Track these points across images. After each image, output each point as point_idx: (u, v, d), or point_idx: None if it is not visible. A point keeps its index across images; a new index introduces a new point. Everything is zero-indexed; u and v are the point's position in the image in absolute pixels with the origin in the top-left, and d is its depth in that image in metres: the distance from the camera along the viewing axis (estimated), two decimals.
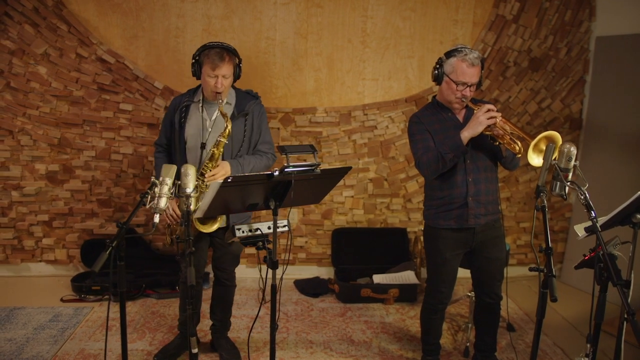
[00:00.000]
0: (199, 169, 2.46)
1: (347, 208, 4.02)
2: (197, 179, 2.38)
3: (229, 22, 3.69)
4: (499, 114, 2.26)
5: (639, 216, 1.91)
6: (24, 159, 3.75)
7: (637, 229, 1.94)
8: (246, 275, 4.00)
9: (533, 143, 2.06)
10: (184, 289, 2.78)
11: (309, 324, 3.31)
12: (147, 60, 3.72)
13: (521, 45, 3.83)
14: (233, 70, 2.52)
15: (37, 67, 3.64)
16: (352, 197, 4.00)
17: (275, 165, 2.57)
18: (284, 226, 2.14)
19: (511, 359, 2.89)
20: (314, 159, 2.02)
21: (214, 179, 2.44)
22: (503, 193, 4.02)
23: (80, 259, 3.87)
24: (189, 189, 1.97)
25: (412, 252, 4.00)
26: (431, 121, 2.49)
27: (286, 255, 3.58)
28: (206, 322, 3.04)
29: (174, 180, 2.01)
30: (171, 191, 1.99)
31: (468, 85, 2.37)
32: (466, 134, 2.28)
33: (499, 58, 3.84)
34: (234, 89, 2.69)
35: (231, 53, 2.50)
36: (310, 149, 2.09)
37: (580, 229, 1.87)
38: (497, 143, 2.32)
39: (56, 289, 3.69)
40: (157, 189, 1.96)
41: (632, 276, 1.93)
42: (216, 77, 2.45)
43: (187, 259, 1.87)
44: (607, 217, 1.90)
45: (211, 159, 2.48)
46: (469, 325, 3.09)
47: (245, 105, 2.61)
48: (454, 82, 2.37)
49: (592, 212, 1.77)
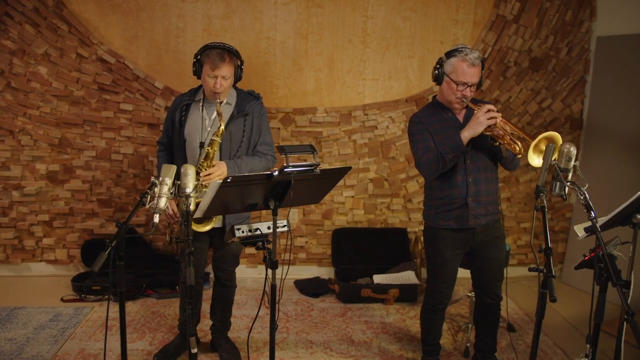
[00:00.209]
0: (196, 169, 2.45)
1: (347, 208, 4.01)
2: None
3: (229, 22, 3.69)
4: (499, 114, 2.26)
5: (639, 216, 1.91)
6: (24, 158, 3.76)
7: (637, 229, 1.93)
8: (246, 275, 4.00)
9: (533, 143, 2.06)
10: (184, 289, 2.78)
11: (309, 324, 3.31)
12: (147, 60, 3.72)
13: (522, 45, 3.83)
14: (234, 71, 2.51)
15: (37, 67, 3.64)
16: (353, 197, 4.00)
17: (274, 165, 2.57)
18: (284, 226, 2.15)
19: (511, 359, 2.89)
20: (313, 159, 2.02)
21: (209, 178, 2.42)
22: (503, 193, 4.02)
23: (81, 259, 3.87)
24: (189, 189, 1.97)
25: (413, 252, 4.00)
26: (431, 121, 2.49)
27: (286, 256, 3.58)
28: (206, 322, 3.04)
29: (173, 180, 2.01)
30: (171, 191, 1.99)
31: (468, 86, 2.36)
32: (466, 134, 2.28)
33: (499, 58, 3.83)
34: (235, 90, 2.68)
35: (232, 54, 2.49)
36: (310, 149, 2.09)
37: (580, 229, 1.87)
38: (498, 143, 2.32)
39: (56, 288, 3.69)
40: (156, 189, 1.96)
41: (632, 276, 1.92)
42: (215, 77, 2.44)
43: (187, 258, 1.87)
44: (607, 218, 1.89)
45: (206, 158, 2.48)
46: (469, 326, 3.08)
47: (245, 106, 2.60)
48: (454, 82, 2.37)
49: (592, 212, 1.77)
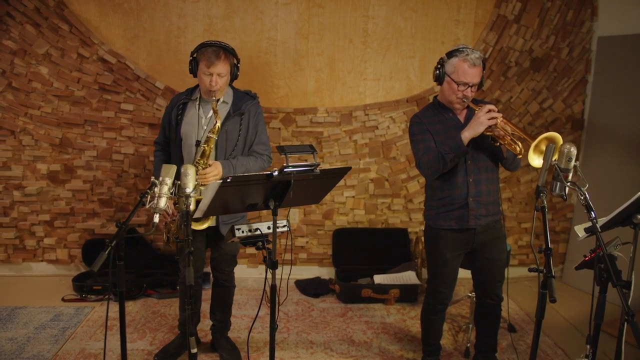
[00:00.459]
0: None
1: (348, 208, 4.01)
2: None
3: (230, 22, 3.69)
4: (500, 114, 2.26)
5: (639, 217, 1.91)
6: (25, 158, 3.77)
7: (637, 230, 1.93)
8: (247, 276, 4.00)
9: (534, 144, 2.06)
10: (183, 289, 2.78)
11: (309, 324, 3.31)
12: (148, 61, 3.72)
13: (523, 46, 3.82)
14: (230, 69, 2.52)
15: (38, 67, 3.65)
16: (353, 197, 4.00)
17: (274, 165, 2.56)
18: (284, 226, 2.14)
19: (512, 359, 2.89)
20: (313, 159, 2.02)
21: (205, 178, 2.42)
22: (504, 193, 4.01)
23: (82, 259, 3.88)
24: (189, 189, 1.96)
25: (413, 252, 3.99)
26: (432, 121, 2.49)
27: (287, 256, 3.57)
28: (206, 322, 3.04)
29: (173, 180, 2.01)
30: (171, 191, 1.99)
31: (469, 86, 2.36)
32: (467, 135, 2.27)
33: (500, 58, 3.83)
34: (232, 89, 2.69)
35: (228, 52, 2.50)
36: (310, 149, 2.09)
37: (581, 230, 1.86)
38: (498, 144, 2.32)
39: (57, 288, 3.70)
40: (156, 189, 1.96)
41: (633, 277, 1.92)
42: (211, 75, 2.45)
43: (187, 258, 1.87)
44: (607, 218, 1.89)
45: (202, 155, 2.47)
46: (470, 326, 3.08)
47: (242, 105, 2.61)
48: (455, 82, 2.36)
49: (592, 212, 1.76)
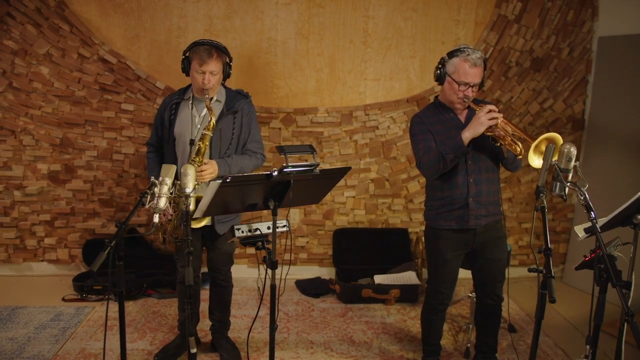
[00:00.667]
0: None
1: (348, 208, 4.01)
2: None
3: (230, 22, 3.69)
4: (501, 114, 2.25)
5: (639, 217, 1.90)
6: (26, 158, 3.77)
7: (637, 230, 1.92)
8: (247, 275, 4.00)
9: (534, 145, 2.05)
10: (181, 289, 2.79)
11: (309, 324, 3.31)
12: (148, 61, 3.72)
13: (523, 46, 3.82)
14: (222, 67, 2.54)
15: (39, 67, 3.65)
16: (354, 197, 3.99)
17: (275, 166, 2.57)
18: (284, 226, 2.14)
19: (512, 359, 2.89)
20: (313, 159, 2.02)
21: (201, 176, 2.43)
22: (505, 194, 4.01)
23: (82, 259, 3.88)
24: (189, 189, 1.97)
25: (414, 252, 3.99)
26: (433, 121, 2.48)
27: (287, 256, 3.57)
28: (206, 322, 3.04)
29: (173, 180, 2.01)
30: (171, 191, 1.99)
31: (470, 86, 2.36)
32: (467, 135, 2.27)
33: (501, 58, 3.82)
34: (224, 88, 2.70)
35: (220, 50, 2.51)
36: (310, 149, 2.09)
37: (581, 230, 1.85)
38: (499, 144, 2.32)
39: (58, 288, 3.70)
40: (156, 189, 1.96)
41: (633, 277, 1.91)
42: (204, 73, 2.46)
43: (186, 258, 1.87)
44: (607, 218, 1.88)
45: (197, 153, 2.47)
46: (470, 326, 3.08)
47: (234, 104, 2.63)
48: (456, 82, 2.36)
49: (592, 213, 1.76)
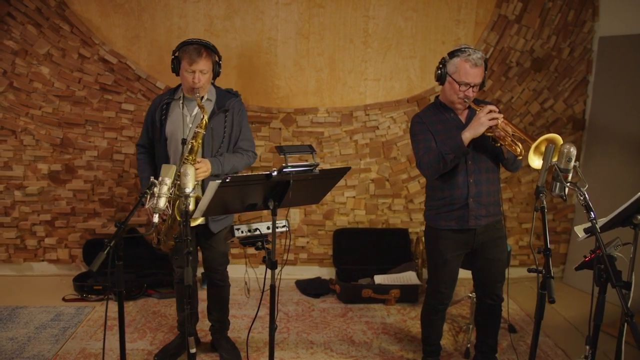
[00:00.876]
0: (180, 164, 2.43)
1: (348, 208, 4.01)
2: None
3: (230, 22, 3.70)
4: (501, 115, 2.25)
5: (639, 217, 1.90)
6: (26, 158, 3.77)
7: (637, 230, 1.92)
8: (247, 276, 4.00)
9: (534, 145, 2.05)
10: (179, 289, 2.79)
11: (309, 324, 3.31)
12: (149, 61, 3.73)
13: (524, 46, 3.81)
14: (212, 66, 2.53)
15: (39, 67, 3.66)
16: (354, 197, 3.99)
17: (274, 165, 2.57)
18: (283, 226, 2.14)
19: (512, 359, 2.89)
20: (313, 159, 2.02)
21: (195, 174, 2.42)
22: (505, 194, 4.00)
23: (83, 259, 3.88)
24: (188, 189, 1.97)
25: (414, 252, 3.99)
26: (433, 121, 2.48)
27: (286, 256, 3.58)
28: (206, 322, 3.03)
29: (173, 180, 2.01)
30: (170, 191, 1.99)
31: (471, 86, 2.35)
32: (467, 135, 2.27)
33: (501, 58, 3.82)
34: (214, 87, 2.70)
35: (209, 49, 2.51)
36: (309, 149, 2.09)
37: (580, 230, 1.85)
38: (499, 144, 2.31)
39: (58, 288, 3.70)
40: (156, 189, 1.96)
41: (633, 278, 1.91)
42: (193, 72, 2.46)
43: (185, 258, 1.87)
44: (607, 218, 1.88)
45: (190, 152, 2.46)
46: (470, 327, 3.07)
47: (225, 102, 2.63)
48: (456, 82, 2.36)
49: (592, 213, 1.76)
